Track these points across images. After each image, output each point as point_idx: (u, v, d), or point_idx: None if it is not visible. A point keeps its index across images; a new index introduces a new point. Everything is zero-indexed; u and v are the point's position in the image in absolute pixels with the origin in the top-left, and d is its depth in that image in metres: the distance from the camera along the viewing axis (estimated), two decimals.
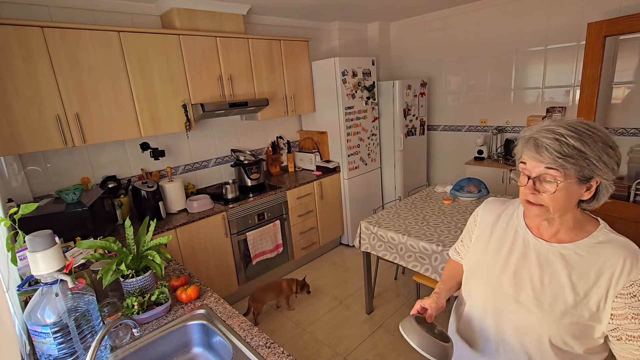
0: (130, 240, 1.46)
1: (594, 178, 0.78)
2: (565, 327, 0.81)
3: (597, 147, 0.75)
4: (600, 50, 2.65)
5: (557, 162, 0.76)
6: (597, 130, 0.77)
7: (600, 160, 0.75)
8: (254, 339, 1.20)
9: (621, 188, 2.90)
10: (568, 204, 0.81)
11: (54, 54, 2.10)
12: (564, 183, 0.77)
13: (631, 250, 0.79)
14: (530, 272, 0.88)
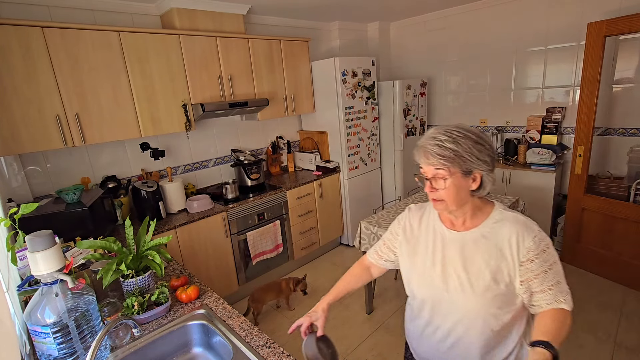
0: (130, 240, 1.46)
1: (474, 171, 0.94)
2: (491, 302, 0.95)
3: (469, 146, 0.92)
4: (600, 50, 2.65)
5: (441, 162, 0.92)
6: (469, 132, 0.94)
7: (473, 156, 0.92)
8: (254, 339, 1.20)
9: (621, 188, 2.91)
10: (460, 195, 0.96)
11: (54, 54, 2.10)
12: (451, 179, 0.93)
13: (520, 222, 0.96)
14: (453, 262, 1.01)
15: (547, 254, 0.93)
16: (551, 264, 0.93)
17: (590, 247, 3.00)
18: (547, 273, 0.92)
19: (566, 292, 0.94)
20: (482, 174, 0.95)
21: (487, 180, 0.96)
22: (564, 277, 0.95)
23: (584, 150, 2.86)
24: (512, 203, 2.61)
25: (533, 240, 0.93)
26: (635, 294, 2.70)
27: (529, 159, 3.34)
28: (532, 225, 0.96)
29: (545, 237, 0.95)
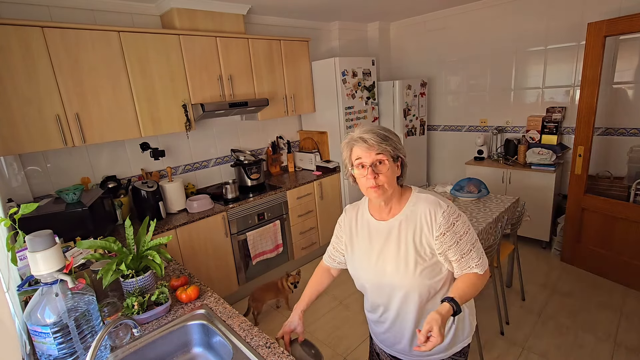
0: (130, 240, 1.46)
1: (399, 157, 1.07)
2: (421, 276, 1.07)
3: (394, 136, 1.08)
4: (600, 50, 2.65)
5: (381, 147, 1.03)
6: (390, 130, 1.10)
7: (399, 143, 1.08)
8: (254, 339, 1.20)
9: (621, 188, 2.91)
10: (393, 179, 1.08)
11: (54, 54, 2.10)
12: (389, 162, 1.05)
13: (431, 201, 1.09)
14: (387, 249, 1.12)
15: (456, 226, 1.06)
16: (461, 235, 1.06)
17: (590, 247, 3.00)
18: (458, 244, 1.06)
19: (477, 257, 1.08)
20: (403, 159, 1.09)
21: (405, 168, 1.11)
22: (477, 242, 1.10)
23: (584, 150, 2.86)
24: (512, 203, 2.61)
25: (442, 215, 1.05)
26: (635, 294, 2.70)
27: (529, 159, 3.34)
28: (442, 202, 1.09)
29: (455, 211, 1.07)
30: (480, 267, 1.09)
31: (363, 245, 1.19)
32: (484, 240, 2.26)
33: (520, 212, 2.62)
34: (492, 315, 2.57)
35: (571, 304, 2.65)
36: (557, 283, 2.92)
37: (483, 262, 1.10)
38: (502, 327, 2.43)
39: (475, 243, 1.09)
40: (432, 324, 0.90)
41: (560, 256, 3.26)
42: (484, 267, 1.10)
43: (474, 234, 1.10)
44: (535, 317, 2.54)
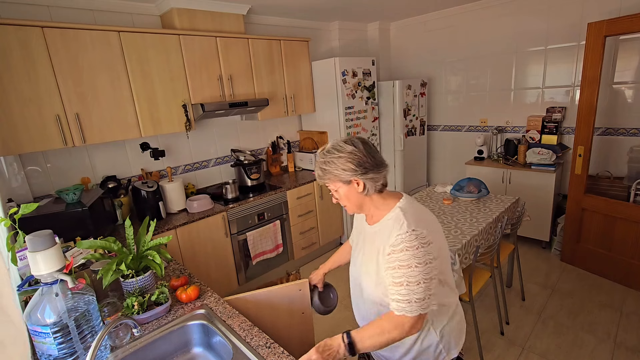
0: (130, 240, 1.46)
1: (351, 179, 1.06)
2: (377, 289, 1.09)
3: (335, 163, 1.05)
4: (600, 50, 2.65)
5: (323, 180, 1.11)
6: (339, 152, 1.06)
7: (339, 169, 1.05)
8: (254, 339, 1.20)
9: (621, 188, 2.91)
10: (352, 200, 1.11)
11: (54, 54, 2.10)
12: (339, 190, 1.10)
13: (399, 220, 1.04)
14: (366, 251, 1.16)
15: (404, 254, 0.98)
16: (403, 265, 0.98)
17: (590, 247, 3.00)
18: (396, 270, 0.99)
19: (405, 295, 0.97)
20: (359, 179, 1.05)
21: (369, 182, 1.06)
22: (419, 285, 0.96)
23: (584, 150, 2.86)
24: (512, 203, 2.61)
25: (397, 237, 1.00)
26: (635, 294, 2.70)
27: (529, 159, 3.34)
28: (406, 225, 1.01)
29: (412, 240, 0.98)
30: (401, 307, 0.97)
31: (358, 241, 1.26)
32: (484, 240, 2.26)
33: (520, 212, 2.62)
34: (492, 315, 2.57)
35: (571, 304, 2.65)
36: (557, 283, 2.92)
37: (411, 306, 0.96)
38: (502, 327, 2.43)
39: (413, 284, 0.96)
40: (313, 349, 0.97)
41: (560, 256, 3.26)
42: (407, 312, 0.97)
43: (422, 276, 0.96)
44: (535, 317, 2.54)
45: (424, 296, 0.97)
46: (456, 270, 1.96)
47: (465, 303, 2.12)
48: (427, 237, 0.99)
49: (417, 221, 1.03)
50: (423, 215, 1.09)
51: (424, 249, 0.97)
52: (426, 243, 0.98)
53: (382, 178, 1.08)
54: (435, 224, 1.11)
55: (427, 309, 0.99)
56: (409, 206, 1.09)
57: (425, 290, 0.97)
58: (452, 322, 1.17)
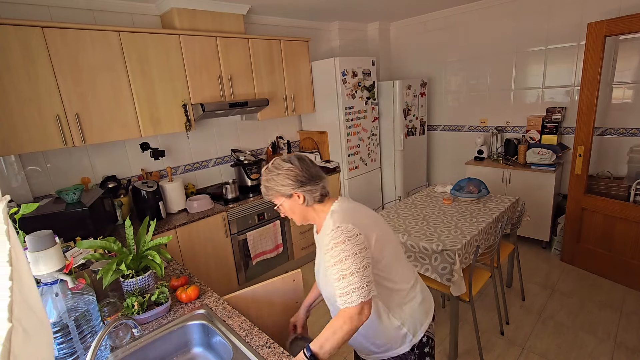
0: (130, 240, 1.46)
1: (292, 193, 1.15)
2: (331, 281, 1.10)
3: (275, 180, 1.15)
4: (600, 50, 2.65)
5: (267, 197, 1.20)
6: (278, 169, 1.15)
7: (279, 184, 1.14)
8: (254, 339, 1.20)
9: (621, 188, 2.91)
10: (296, 211, 1.19)
11: (54, 54, 2.10)
12: (282, 205, 1.19)
13: (327, 223, 1.14)
14: (320, 259, 1.24)
15: (334, 251, 1.06)
16: (337, 261, 1.05)
17: (590, 247, 3.00)
18: (332, 267, 1.06)
19: (344, 287, 1.03)
20: (298, 192, 1.14)
21: (308, 195, 1.15)
22: (353, 275, 1.03)
23: (584, 150, 2.86)
24: (512, 203, 2.61)
25: (326, 237, 1.10)
26: (635, 294, 2.70)
27: (529, 159, 3.34)
28: (332, 223, 1.10)
29: (338, 236, 1.06)
30: (343, 300, 1.03)
31: (318, 255, 1.31)
32: (484, 240, 2.26)
33: (520, 212, 2.62)
34: (492, 315, 2.57)
35: (571, 304, 2.65)
36: (557, 283, 2.92)
37: (351, 297, 1.02)
38: (502, 327, 2.43)
39: (348, 276, 1.03)
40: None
41: (560, 256, 3.26)
42: (349, 303, 1.02)
43: (354, 266, 1.03)
44: (535, 317, 2.55)
45: (361, 284, 1.03)
46: (456, 270, 1.96)
47: (465, 303, 2.12)
48: (352, 230, 1.06)
49: (343, 218, 1.10)
50: (352, 212, 1.15)
51: (351, 242, 1.05)
52: (352, 236, 1.06)
53: (319, 189, 1.16)
54: (366, 218, 1.17)
55: (368, 296, 1.04)
56: (338, 207, 1.17)
57: (361, 278, 1.03)
58: (411, 305, 1.23)
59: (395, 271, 1.21)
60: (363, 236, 1.08)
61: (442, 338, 2.40)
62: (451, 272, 1.98)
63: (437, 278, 2.05)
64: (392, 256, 1.19)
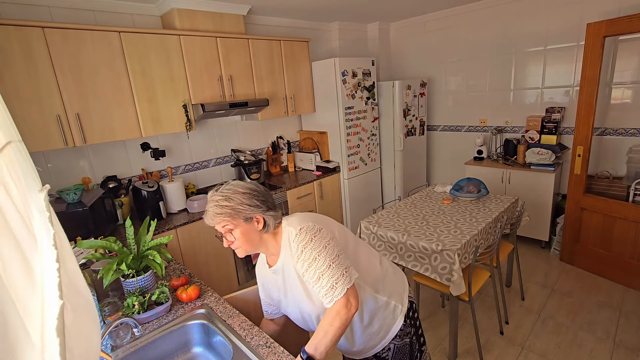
0: (130, 240, 1.47)
1: (253, 216, 1.07)
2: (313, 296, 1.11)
3: (239, 198, 1.06)
4: (599, 51, 2.66)
5: (224, 219, 1.05)
6: (237, 187, 1.09)
7: (245, 204, 1.06)
8: (254, 339, 1.20)
9: (620, 188, 2.91)
10: (252, 238, 1.10)
11: (54, 54, 2.11)
12: (237, 229, 1.07)
13: (291, 224, 1.10)
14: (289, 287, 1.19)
15: (304, 254, 1.03)
16: (311, 261, 1.03)
17: (590, 246, 3.01)
18: (308, 271, 1.03)
19: (329, 285, 1.01)
20: (261, 216, 1.09)
21: (268, 218, 1.10)
22: (330, 268, 1.02)
23: (583, 150, 2.86)
24: (511, 203, 2.61)
25: (294, 240, 1.06)
26: (635, 294, 2.70)
27: (529, 159, 3.34)
28: (293, 229, 1.07)
29: (303, 238, 1.04)
30: (329, 296, 1.01)
31: (279, 294, 1.25)
32: (483, 240, 2.27)
33: (519, 212, 2.63)
34: (492, 314, 2.58)
35: (570, 304, 2.65)
36: (557, 283, 2.93)
37: (335, 289, 1.01)
38: (501, 327, 2.44)
39: (326, 270, 1.02)
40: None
41: (560, 256, 3.26)
42: (336, 296, 1.01)
43: (329, 259, 1.03)
44: (535, 316, 2.55)
45: (341, 272, 1.03)
46: (455, 270, 1.96)
47: (465, 302, 2.13)
48: (314, 227, 1.07)
49: (300, 221, 1.10)
50: (305, 215, 1.15)
51: (317, 237, 1.05)
52: (316, 232, 1.06)
53: (279, 215, 1.14)
54: (322, 218, 1.17)
55: (351, 281, 1.04)
56: (289, 217, 1.16)
57: (338, 267, 1.03)
58: (388, 278, 1.29)
59: (363, 254, 1.25)
60: (325, 230, 1.09)
61: (441, 337, 2.41)
62: (451, 271, 1.98)
63: (437, 278, 2.06)
64: (354, 242, 1.23)
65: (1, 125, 0.38)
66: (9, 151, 0.38)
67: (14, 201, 0.39)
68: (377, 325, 1.24)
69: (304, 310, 1.18)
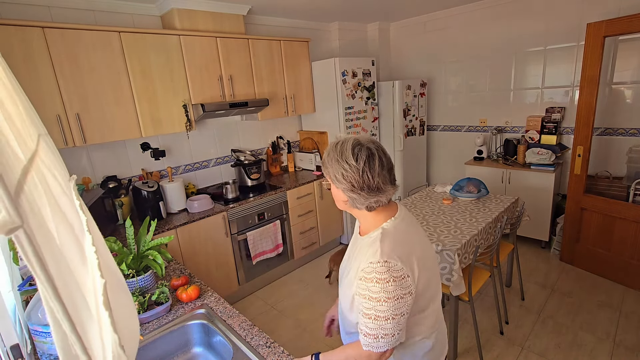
0: (130, 240, 1.47)
1: (338, 185, 1.00)
2: (348, 298, 1.04)
3: (334, 166, 0.99)
4: (599, 51, 2.66)
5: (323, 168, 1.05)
6: (343, 156, 0.98)
7: (333, 173, 0.99)
8: (254, 339, 1.20)
9: (620, 188, 2.91)
10: (340, 201, 1.05)
11: (54, 55, 2.11)
12: (330, 182, 1.04)
13: (376, 247, 0.95)
14: (352, 263, 1.07)
15: (374, 286, 0.91)
16: (374, 298, 0.91)
17: (590, 246, 3.00)
18: (366, 300, 0.93)
19: (373, 329, 0.93)
20: (341, 188, 0.99)
21: (352, 198, 0.99)
22: (388, 321, 0.91)
23: (583, 150, 2.86)
24: (511, 203, 2.61)
25: (369, 264, 0.93)
26: (634, 294, 2.70)
27: (529, 159, 3.34)
28: (379, 254, 0.93)
29: (383, 272, 0.90)
30: (368, 342, 0.94)
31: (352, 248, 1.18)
32: (483, 240, 2.27)
33: (519, 212, 2.63)
34: (492, 314, 2.58)
35: (570, 304, 2.65)
36: (557, 283, 2.93)
37: (378, 342, 0.93)
38: (501, 327, 2.44)
39: (382, 319, 0.91)
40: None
41: (560, 256, 3.26)
42: (374, 347, 0.94)
43: (391, 311, 0.91)
44: (535, 316, 2.55)
45: (393, 332, 0.93)
46: (456, 270, 1.97)
47: (465, 302, 2.13)
48: (401, 270, 0.92)
49: (394, 249, 0.94)
50: (403, 238, 1.00)
51: (396, 283, 0.91)
52: (399, 277, 0.91)
53: (368, 202, 0.99)
54: (419, 246, 1.03)
55: (395, 344, 0.95)
56: (393, 228, 1.00)
57: (394, 326, 0.92)
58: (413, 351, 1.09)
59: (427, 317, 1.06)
60: (411, 279, 0.93)
61: None
62: (451, 271, 1.99)
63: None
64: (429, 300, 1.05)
65: (32, 118, 0.41)
66: (41, 143, 0.40)
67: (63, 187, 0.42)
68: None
69: (342, 305, 1.11)
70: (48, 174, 0.39)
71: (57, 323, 0.34)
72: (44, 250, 0.33)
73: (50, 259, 0.33)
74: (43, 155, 0.40)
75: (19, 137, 0.36)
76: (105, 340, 0.37)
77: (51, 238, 0.36)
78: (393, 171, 1.03)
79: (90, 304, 0.39)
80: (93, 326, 0.38)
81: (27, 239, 0.31)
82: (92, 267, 0.39)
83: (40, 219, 0.35)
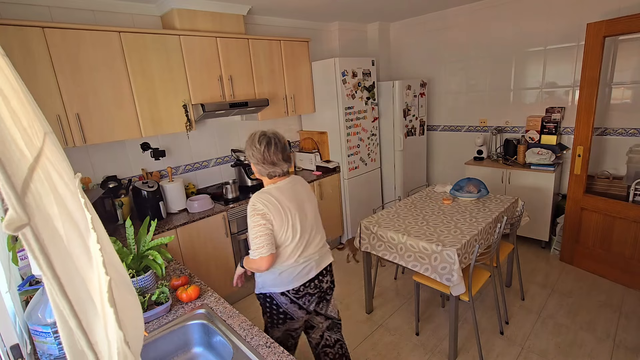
0: (130, 240, 1.47)
1: (251, 160, 1.55)
2: None
3: (248, 150, 1.55)
4: (599, 51, 2.66)
5: None
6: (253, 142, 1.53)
7: (248, 154, 1.55)
8: (254, 339, 1.20)
9: (620, 188, 2.92)
10: (255, 172, 1.60)
11: (54, 54, 2.10)
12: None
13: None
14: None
15: (249, 218, 1.46)
16: (249, 227, 1.46)
17: (590, 246, 3.01)
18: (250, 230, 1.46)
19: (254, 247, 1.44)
20: (252, 162, 1.54)
21: (258, 169, 1.55)
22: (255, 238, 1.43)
23: (583, 150, 2.86)
24: (511, 203, 2.61)
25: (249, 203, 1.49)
26: (635, 294, 2.71)
27: (529, 159, 3.35)
28: (252, 198, 1.48)
29: (250, 209, 1.46)
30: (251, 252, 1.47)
31: None
32: (483, 240, 2.27)
33: (519, 212, 2.63)
34: (492, 314, 2.58)
35: (570, 304, 2.66)
36: (557, 283, 2.93)
37: (253, 252, 1.45)
38: (501, 327, 2.44)
39: (251, 237, 1.44)
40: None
41: (560, 256, 3.27)
42: (251, 255, 1.46)
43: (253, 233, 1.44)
44: (535, 316, 2.55)
45: (256, 247, 1.44)
46: (456, 270, 1.97)
47: (465, 303, 2.13)
48: (260, 209, 1.44)
49: (261, 198, 1.47)
50: (275, 195, 1.49)
51: (255, 217, 1.44)
52: (258, 213, 1.44)
53: (268, 171, 1.53)
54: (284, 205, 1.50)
55: (266, 253, 1.43)
56: (268, 188, 1.53)
57: (256, 243, 1.43)
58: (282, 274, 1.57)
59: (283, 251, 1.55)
60: (269, 216, 1.44)
61: (441, 338, 2.41)
62: (451, 272, 1.99)
63: (437, 278, 2.06)
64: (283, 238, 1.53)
65: (38, 116, 0.41)
66: (47, 141, 0.41)
67: (68, 185, 0.42)
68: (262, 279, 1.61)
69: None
70: (54, 172, 0.40)
71: (63, 319, 0.35)
72: (50, 247, 0.33)
73: (56, 256, 0.34)
74: (49, 153, 0.40)
75: (26, 135, 0.37)
76: (110, 337, 0.38)
77: (57, 235, 0.36)
78: (286, 151, 1.56)
79: (96, 301, 0.39)
80: (99, 323, 0.39)
81: (34, 236, 0.31)
82: (97, 265, 0.39)
83: (47, 216, 0.35)
